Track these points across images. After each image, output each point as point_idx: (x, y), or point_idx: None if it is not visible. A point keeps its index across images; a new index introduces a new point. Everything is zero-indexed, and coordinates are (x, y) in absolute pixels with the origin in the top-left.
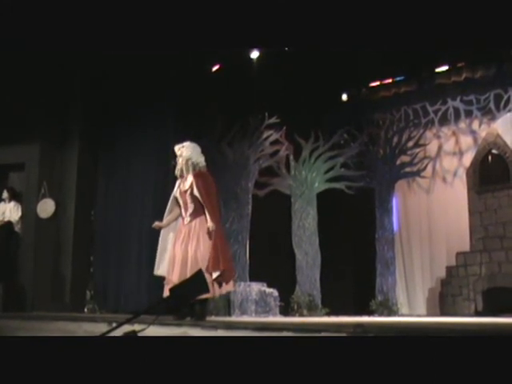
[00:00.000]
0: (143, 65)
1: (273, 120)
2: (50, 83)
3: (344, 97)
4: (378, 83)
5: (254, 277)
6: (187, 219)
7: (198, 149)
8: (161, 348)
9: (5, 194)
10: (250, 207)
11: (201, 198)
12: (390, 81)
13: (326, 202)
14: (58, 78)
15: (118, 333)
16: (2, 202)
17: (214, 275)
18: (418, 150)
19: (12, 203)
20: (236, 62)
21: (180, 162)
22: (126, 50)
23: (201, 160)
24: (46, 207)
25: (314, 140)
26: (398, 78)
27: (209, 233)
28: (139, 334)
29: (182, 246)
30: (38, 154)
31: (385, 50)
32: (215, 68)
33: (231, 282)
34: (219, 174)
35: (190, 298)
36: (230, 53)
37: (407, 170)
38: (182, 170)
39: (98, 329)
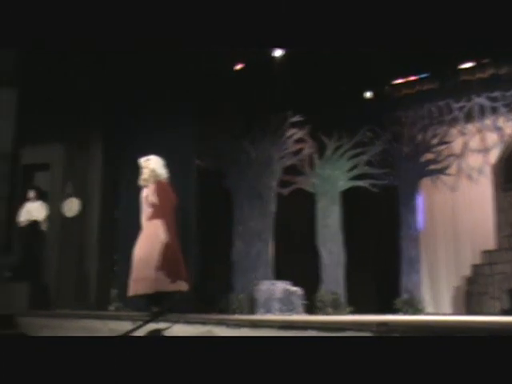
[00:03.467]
0: (166, 65)
1: (296, 118)
2: (73, 84)
3: (367, 95)
4: (401, 81)
5: (279, 275)
6: (145, 223)
7: (161, 161)
8: (185, 346)
9: (31, 194)
10: (273, 205)
11: (156, 204)
12: (414, 78)
13: (350, 200)
14: (82, 78)
15: (143, 331)
16: (29, 202)
17: (164, 273)
18: (442, 147)
19: (38, 203)
20: (259, 61)
21: (145, 172)
22: (148, 49)
23: (163, 172)
24: (72, 206)
25: (337, 138)
26: (421, 76)
27: (160, 237)
28: (164, 333)
29: (137, 247)
30: (63, 155)
31: (408, 49)
32: (238, 67)
33: (184, 282)
34: (242, 172)
35: None
36: (253, 52)
37: (432, 167)
38: (145, 180)
39: (122, 327)
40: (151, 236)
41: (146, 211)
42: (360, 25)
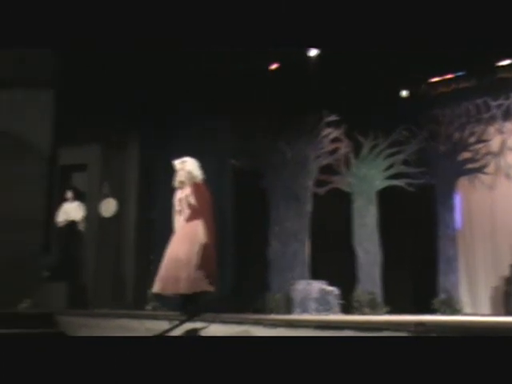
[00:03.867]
0: (202, 64)
1: (332, 118)
2: (110, 84)
3: (403, 93)
4: (437, 79)
5: (315, 275)
6: (182, 223)
7: (196, 163)
8: (221, 345)
9: (69, 194)
10: (310, 205)
11: (196, 206)
12: (450, 76)
13: (387, 199)
14: (118, 79)
15: (180, 330)
16: (66, 202)
17: (203, 273)
18: (480, 145)
19: (75, 203)
20: (295, 60)
21: (181, 174)
22: (185, 48)
23: (199, 173)
24: (109, 206)
25: (373, 137)
26: (458, 74)
27: (199, 237)
28: (200, 332)
29: (175, 247)
30: (100, 155)
31: (445, 48)
32: (273, 67)
33: (213, 283)
34: (278, 172)
35: None
36: (288, 51)
37: (469, 166)
38: (181, 182)
39: (159, 326)
40: (190, 236)
41: (184, 212)
42: (395, 24)
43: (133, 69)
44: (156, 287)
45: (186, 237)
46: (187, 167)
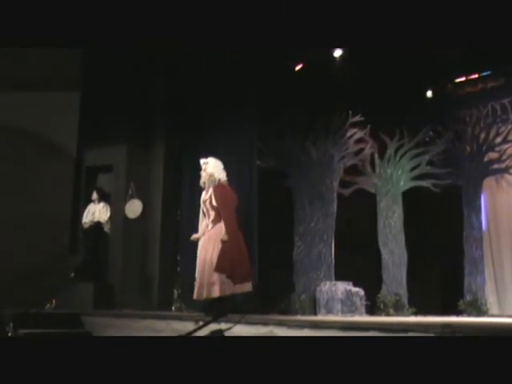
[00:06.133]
0: (226, 64)
1: (357, 118)
2: (134, 84)
3: (429, 93)
4: (463, 79)
5: (340, 276)
6: (210, 226)
7: (219, 165)
8: (246, 346)
9: (94, 196)
10: (335, 206)
11: (218, 207)
12: (477, 76)
13: (412, 200)
14: (142, 78)
15: (205, 331)
16: (92, 203)
17: (222, 275)
18: (506, 146)
19: (101, 204)
20: (319, 61)
21: (203, 176)
22: (208, 48)
23: (222, 175)
24: (134, 208)
25: (398, 137)
26: (484, 73)
27: (222, 239)
28: (225, 333)
29: (203, 250)
30: (125, 156)
31: (471, 48)
32: (298, 67)
33: (247, 284)
34: (303, 173)
35: None
36: (313, 51)
37: (495, 166)
38: (204, 183)
39: (185, 327)
40: (214, 238)
41: (209, 214)
42: (421, 23)
43: (158, 69)
44: (194, 294)
45: (211, 239)
46: (208, 169)
